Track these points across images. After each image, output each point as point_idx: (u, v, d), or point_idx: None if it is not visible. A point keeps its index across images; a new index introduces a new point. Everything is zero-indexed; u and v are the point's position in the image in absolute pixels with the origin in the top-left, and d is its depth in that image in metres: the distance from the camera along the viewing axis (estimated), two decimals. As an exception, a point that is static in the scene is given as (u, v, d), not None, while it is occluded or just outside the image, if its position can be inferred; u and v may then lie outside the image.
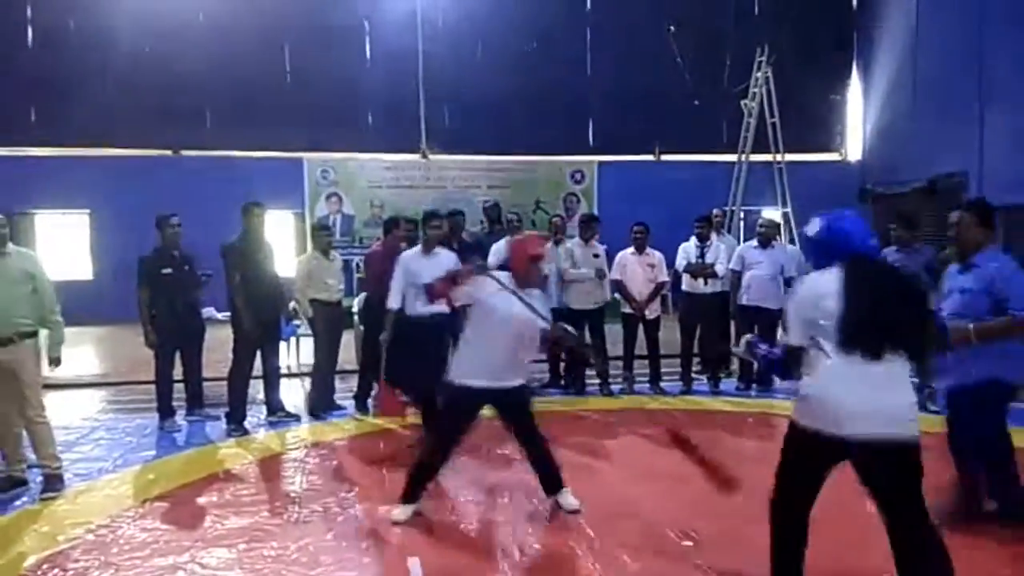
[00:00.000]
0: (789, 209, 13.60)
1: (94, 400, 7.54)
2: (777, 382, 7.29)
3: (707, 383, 7.58)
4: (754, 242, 7.49)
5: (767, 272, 7.19)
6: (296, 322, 7.40)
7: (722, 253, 7.56)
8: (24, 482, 4.86)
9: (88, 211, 12.89)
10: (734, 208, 13.63)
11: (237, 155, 13.27)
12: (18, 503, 4.66)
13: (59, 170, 12.53)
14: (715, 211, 8.51)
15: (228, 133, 13.23)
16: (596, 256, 7.50)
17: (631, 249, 7.50)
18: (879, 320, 2.82)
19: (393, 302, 5.72)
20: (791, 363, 3.01)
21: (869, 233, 3.04)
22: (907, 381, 2.87)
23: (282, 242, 10.89)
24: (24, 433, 4.87)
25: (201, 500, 4.70)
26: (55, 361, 4.95)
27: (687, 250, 7.64)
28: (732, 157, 13.89)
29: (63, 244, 12.91)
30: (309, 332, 6.99)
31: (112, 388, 7.98)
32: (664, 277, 7.52)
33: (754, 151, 13.70)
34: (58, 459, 4.92)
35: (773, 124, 13.66)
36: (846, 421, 2.75)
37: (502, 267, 4.40)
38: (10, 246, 4.78)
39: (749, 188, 13.58)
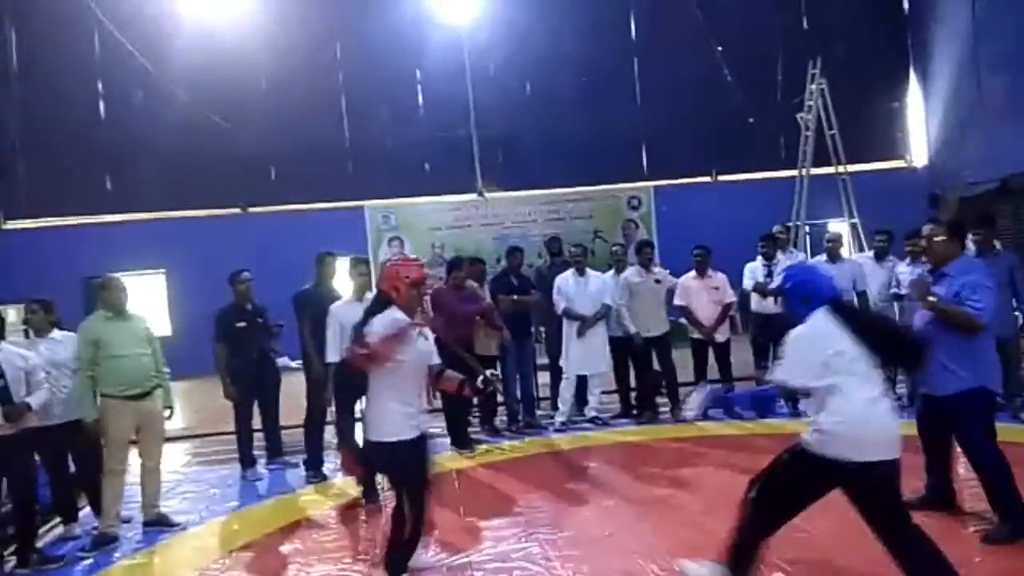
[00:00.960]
0: (857, 220, 13.26)
1: (178, 454, 7.75)
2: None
3: (786, 405, 7.38)
4: (823, 257, 7.31)
5: (838, 286, 6.99)
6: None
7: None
8: (115, 539, 5.04)
9: (164, 271, 13.41)
10: (798, 223, 13.37)
11: (301, 208, 13.68)
12: (115, 557, 4.82)
13: (135, 234, 13.12)
14: (777, 228, 8.35)
15: (292, 188, 13.68)
16: (658, 282, 7.47)
17: (692, 273, 7.42)
18: (886, 342, 3.30)
19: (332, 355, 5.61)
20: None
21: (831, 280, 3.59)
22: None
23: (347, 288, 11.10)
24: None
25: (285, 548, 4.77)
26: (170, 410, 5.47)
27: (754, 270, 7.52)
28: (792, 173, 13.66)
29: (142, 304, 13.41)
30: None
31: (194, 441, 8.21)
32: (730, 298, 7.41)
33: (815, 164, 13.45)
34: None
35: (832, 136, 13.39)
36: (868, 450, 3.12)
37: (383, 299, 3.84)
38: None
39: (814, 202, 13.30)
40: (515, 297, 7.36)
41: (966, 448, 4.22)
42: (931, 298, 4.09)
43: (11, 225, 13.02)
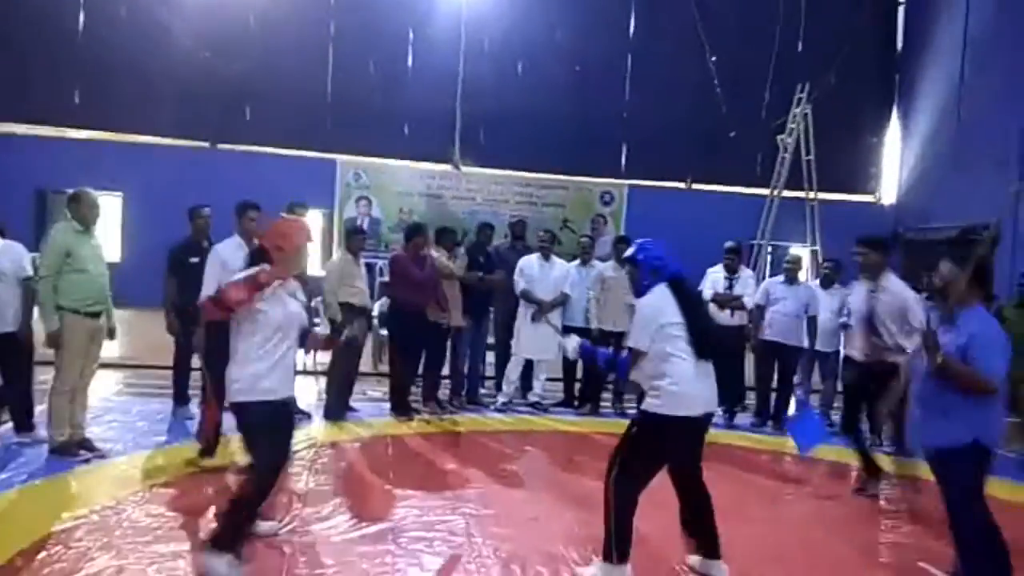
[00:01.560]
0: (818, 247, 13.52)
1: (111, 382, 7.58)
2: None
3: (722, 416, 7.47)
4: (780, 278, 7.41)
5: (791, 309, 7.11)
6: (316, 321, 7.38)
7: (750, 286, 7.47)
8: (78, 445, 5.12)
9: (121, 195, 13.04)
10: (761, 242, 13.58)
11: (272, 151, 13.41)
12: (23, 478, 4.71)
13: (96, 152, 12.74)
14: (729, 244, 8.36)
15: (265, 129, 13.40)
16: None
17: None
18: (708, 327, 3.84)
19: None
20: (631, 363, 3.78)
21: (676, 260, 3.80)
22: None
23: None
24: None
25: (208, 489, 4.70)
26: (112, 333, 5.45)
27: (715, 281, 7.53)
28: (764, 191, 13.85)
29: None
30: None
31: (129, 371, 8.03)
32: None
33: (787, 187, 13.66)
34: None
35: (808, 161, 13.61)
36: (700, 405, 3.65)
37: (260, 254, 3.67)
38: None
39: (781, 223, 13.51)
40: (481, 275, 7.31)
41: (947, 506, 3.77)
42: (939, 357, 3.60)
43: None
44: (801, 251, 12.99)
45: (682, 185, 14.85)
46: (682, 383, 3.57)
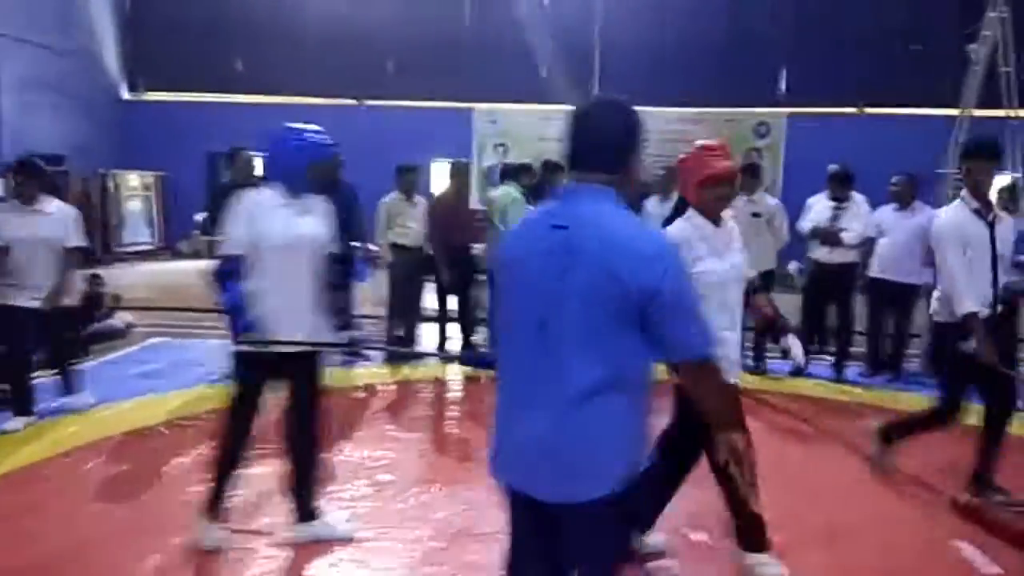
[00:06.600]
0: (1021, 174, 11.44)
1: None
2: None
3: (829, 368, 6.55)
4: (893, 204, 6.29)
5: (901, 239, 6.01)
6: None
7: (862, 217, 6.38)
8: None
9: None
10: (948, 171, 11.73)
11: (414, 104, 13.66)
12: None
13: (258, 115, 13.66)
14: (833, 167, 7.14)
15: (408, 83, 13.66)
16: (756, 216, 6.40)
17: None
18: None
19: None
20: None
21: None
22: None
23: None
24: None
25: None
26: None
27: (819, 211, 6.52)
28: (953, 112, 11.91)
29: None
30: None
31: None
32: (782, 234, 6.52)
33: (981, 105, 11.64)
34: None
35: (1007, 74, 11.48)
36: None
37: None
38: None
39: (974, 148, 11.56)
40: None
41: None
42: None
43: (151, 96, 13.98)
44: (1003, 179, 11.07)
45: (853, 110, 13.13)
46: None
